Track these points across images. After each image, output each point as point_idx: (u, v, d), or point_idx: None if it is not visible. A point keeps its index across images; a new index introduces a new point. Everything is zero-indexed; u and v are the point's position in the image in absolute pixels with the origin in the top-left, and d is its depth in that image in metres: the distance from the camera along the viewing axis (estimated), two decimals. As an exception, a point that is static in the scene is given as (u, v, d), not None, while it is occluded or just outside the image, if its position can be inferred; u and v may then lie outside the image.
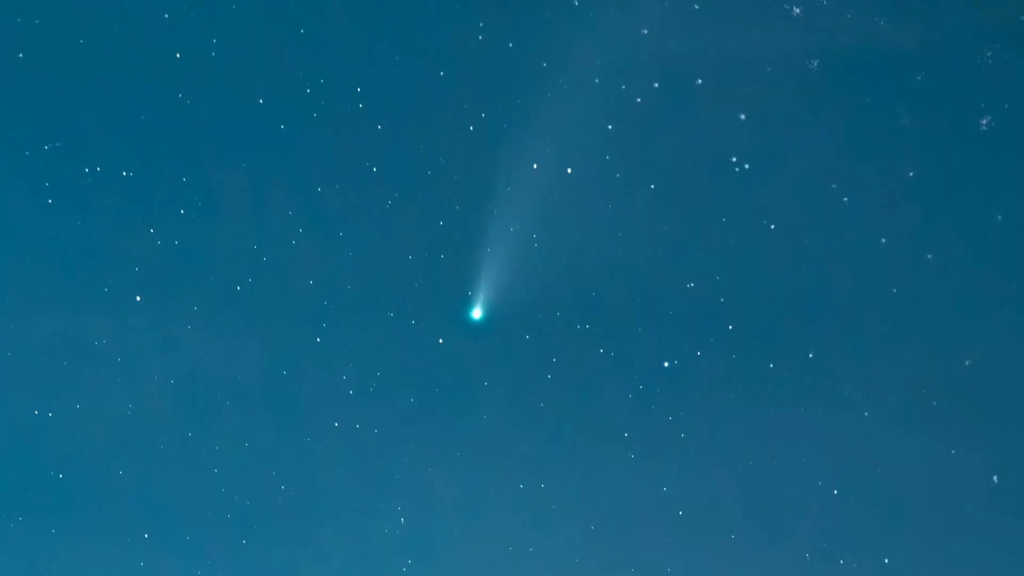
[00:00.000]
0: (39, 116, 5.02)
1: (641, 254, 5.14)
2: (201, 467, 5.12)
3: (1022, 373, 5.02)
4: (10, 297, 5.06)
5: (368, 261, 5.14)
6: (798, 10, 5.03)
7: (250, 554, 5.19)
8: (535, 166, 5.05)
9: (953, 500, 5.12)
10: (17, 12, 4.96)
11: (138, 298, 5.07)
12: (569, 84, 5.00)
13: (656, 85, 5.02)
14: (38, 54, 4.98)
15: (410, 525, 5.20)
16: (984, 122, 5.01)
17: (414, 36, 5.05)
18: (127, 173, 5.04)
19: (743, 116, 5.03)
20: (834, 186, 5.04)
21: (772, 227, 5.07)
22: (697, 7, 5.00)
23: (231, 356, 5.13)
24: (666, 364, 5.15)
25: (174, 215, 5.05)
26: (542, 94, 5.01)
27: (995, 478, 5.05)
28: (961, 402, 5.09)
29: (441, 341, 5.15)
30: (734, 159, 5.03)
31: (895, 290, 5.08)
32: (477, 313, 5.12)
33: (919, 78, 5.02)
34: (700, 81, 5.02)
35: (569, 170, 5.06)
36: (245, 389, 5.15)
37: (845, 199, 5.04)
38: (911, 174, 5.03)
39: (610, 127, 5.03)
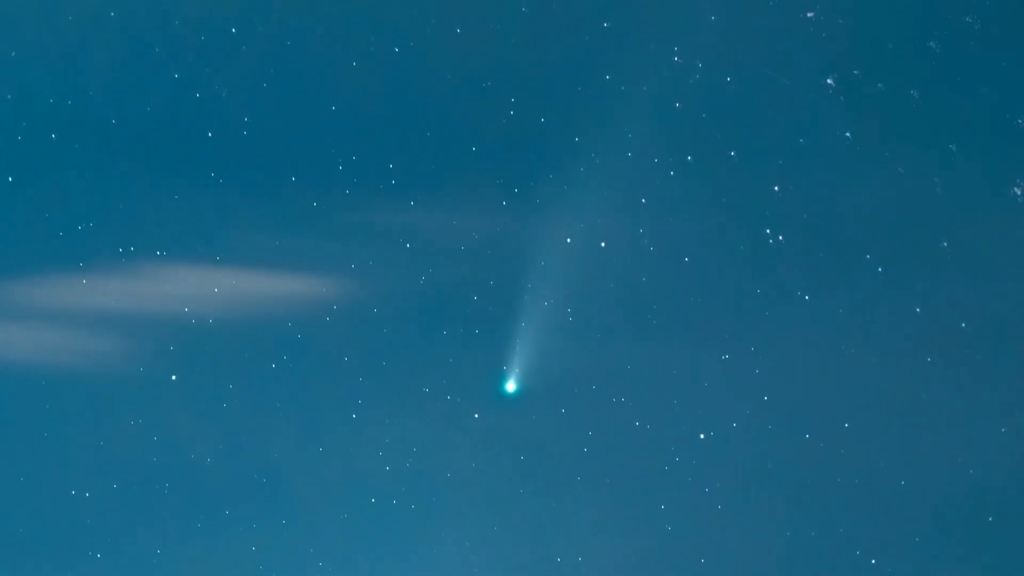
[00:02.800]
0: (73, 196, 5.04)
1: (675, 326, 5.13)
2: (238, 546, 5.12)
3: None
4: (45, 377, 5.07)
5: (402, 337, 5.14)
6: (831, 81, 5.02)
7: (287, 630, 5.21)
8: (568, 240, 5.05)
9: (991, 568, 5.11)
10: (50, 94, 4.98)
11: (173, 377, 5.08)
12: (601, 158, 5.00)
13: (689, 158, 5.01)
14: (71, 134, 5.00)
15: (447, 600, 5.21)
16: (1018, 191, 5.00)
17: (445, 111, 5.06)
18: (160, 252, 5.05)
19: (777, 188, 5.03)
20: (868, 256, 5.04)
21: (806, 298, 5.07)
22: (729, 79, 5.01)
23: (267, 434, 5.14)
24: (702, 436, 5.14)
25: (208, 294, 5.06)
26: (574, 168, 5.01)
27: (1033, 546, 5.05)
28: (998, 471, 5.08)
29: (476, 416, 5.15)
30: (768, 231, 5.04)
31: (929, 359, 5.08)
32: (512, 387, 5.12)
33: (952, 147, 5.02)
34: (733, 153, 5.02)
35: (603, 244, 5.05)
36: (281, 466, 5.15)
37: (879, 269, 5.04)
38: (945, 244, 5.03)
39: (643, 200, 5.03)
